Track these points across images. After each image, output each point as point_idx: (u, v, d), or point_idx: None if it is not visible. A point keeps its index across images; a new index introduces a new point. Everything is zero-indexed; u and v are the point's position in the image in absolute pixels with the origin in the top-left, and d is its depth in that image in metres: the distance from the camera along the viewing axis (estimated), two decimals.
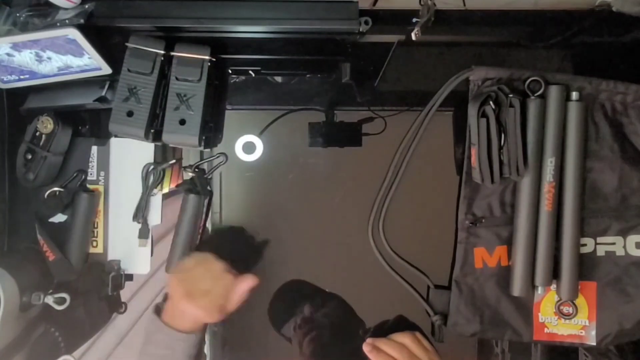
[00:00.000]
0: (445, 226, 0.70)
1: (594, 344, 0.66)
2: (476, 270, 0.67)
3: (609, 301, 0.66)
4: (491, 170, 0.62)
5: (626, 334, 0.65)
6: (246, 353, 0.74)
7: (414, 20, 0.64)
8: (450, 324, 0.68)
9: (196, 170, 0.69)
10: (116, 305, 0.68)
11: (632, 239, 0.66)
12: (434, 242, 0.73)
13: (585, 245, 0.66)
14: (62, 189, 0.66)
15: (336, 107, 0.73)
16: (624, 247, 0.66)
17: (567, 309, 0.67)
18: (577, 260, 0.64)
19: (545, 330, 0.67)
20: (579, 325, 0.67)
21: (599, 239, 0.66)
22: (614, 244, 0.66)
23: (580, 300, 0.66)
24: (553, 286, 0.66)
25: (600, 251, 0.66)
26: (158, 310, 0.63)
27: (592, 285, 0.66)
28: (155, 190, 0.68)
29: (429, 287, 0.71)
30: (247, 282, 0.64)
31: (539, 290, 0.65)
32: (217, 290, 0.62)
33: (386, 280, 0.72)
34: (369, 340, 0.62)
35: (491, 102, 0.61)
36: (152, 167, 0.67)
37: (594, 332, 0.66)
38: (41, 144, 0.63)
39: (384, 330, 0.71)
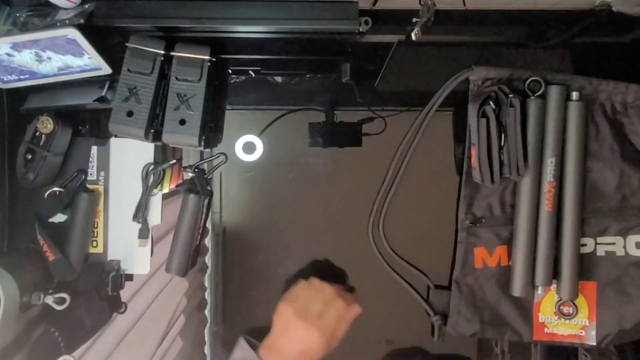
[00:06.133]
0: (445, 226, 0.70)
1: (594, 344, 0.66)
2: (476, 270, 0.67)
3: (609, 301, 0.66)
4: (491, 170, 0.62)
5: (626, 334, 0.66)
6: None
7: (414, 20, 0.64)
8: (450, 324, 0.68)
9: (196, 170, 0.69)
10: (116, 305, 0.68)
11: (632, 239, 0.66)
12: (434, 242, 0.73)
13: (585, 245, 0.66)
14: (62, 189, 0.66)
15: (336, 107, 0.73)
16: (624, 247, 0.66)
17: (567, 309, 0.67)
18: (577, 260, 0.64)
19: (545, 330, 0.67)
20: (579, 325, 0.67)
21: (599, 239, 0.66)
22: (614, 244, 0.66)
23: (580, 300, 0.66)
24: (553, 286, 0.66)
25: (600, 251, 0.66)
26: (250, 341, 0.62)
27: (592, 285, 0.66)
28: (155, 190, 0.68)
29: (429, 287, 0.71)
30: (355, 311, 0.63)
31: (539, 290, 0.65)
32: (330, 314, 0.61)
33: (386, 280, 0.72)
34: None
35: (491, 102, 0.61)
36: (152, 167, 0.67)
37: (594, 332, 0.66)
38: (41, 144, 0.63)
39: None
